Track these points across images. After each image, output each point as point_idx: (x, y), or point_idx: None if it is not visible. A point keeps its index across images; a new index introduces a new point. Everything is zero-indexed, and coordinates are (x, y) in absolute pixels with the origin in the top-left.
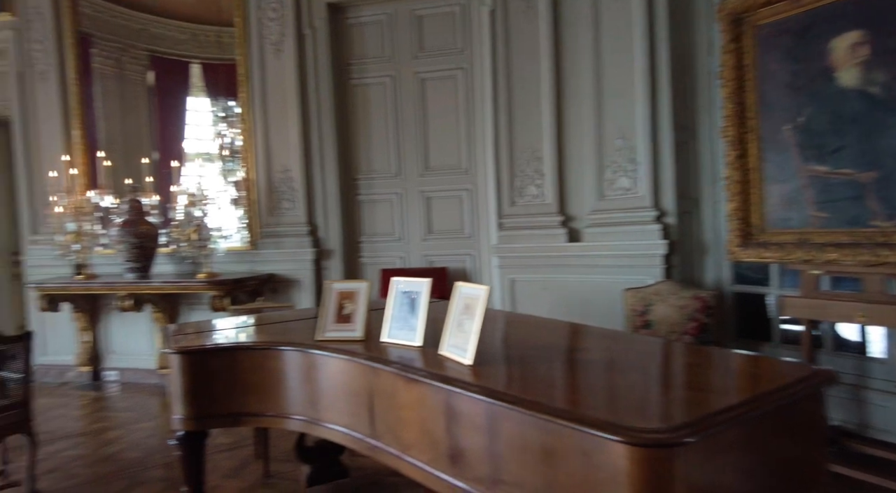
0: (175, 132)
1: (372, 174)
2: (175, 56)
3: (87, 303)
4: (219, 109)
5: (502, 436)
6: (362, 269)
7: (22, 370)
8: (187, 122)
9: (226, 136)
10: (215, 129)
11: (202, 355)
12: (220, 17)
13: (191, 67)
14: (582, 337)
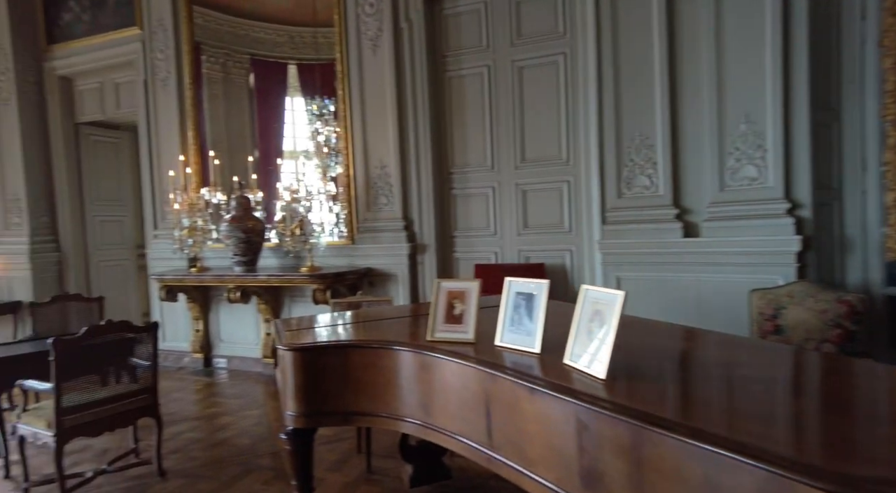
0: (274, 131)
1: (466, 168)
2: (273, 58)
3: (200, 294)
4: (315, 107)
5: (651, 464)
6: (456, 264)
7: (149, 357)
8: (285, 121)
9: (322, 133)
10: (312, 127)
11: (315, 353)
12: (316, 19)
13: (288, 68)
14: (722, 347)
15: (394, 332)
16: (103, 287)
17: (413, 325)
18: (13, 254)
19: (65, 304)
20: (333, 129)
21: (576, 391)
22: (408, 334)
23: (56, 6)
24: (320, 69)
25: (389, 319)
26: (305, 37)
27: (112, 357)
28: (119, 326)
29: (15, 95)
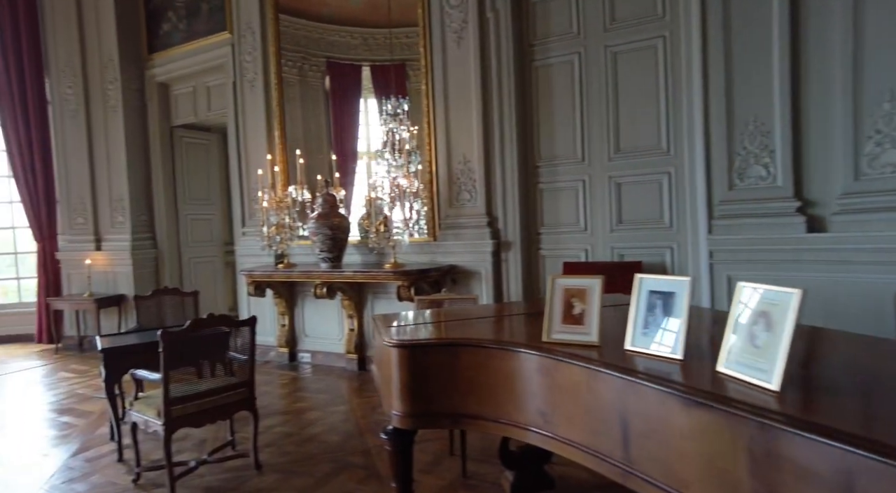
0: (349, 132)
1: (554, 160)
2: (348, 60)
3: (286, 289)
4: (390, 107)
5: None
6: (542, 261)
7: (247, 352)
8: (359, 121)
9: (397, 133)
10: (387, 127)
11: (423, 351)
12: (391, 19)
13: (362, 70)
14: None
15: (499, 331)
16: (194, 282)
17: (528, 324)
18: (117, 250)
19: (164, 297)
20: (407, 127)
21: (753, 407)
22: (518, 333)
23: (156, 18)
24: (393, 70)
25: (488, 317)
26: (379, 38)
27: (212, 350)
28: (220, 319)
29: (121, 102)
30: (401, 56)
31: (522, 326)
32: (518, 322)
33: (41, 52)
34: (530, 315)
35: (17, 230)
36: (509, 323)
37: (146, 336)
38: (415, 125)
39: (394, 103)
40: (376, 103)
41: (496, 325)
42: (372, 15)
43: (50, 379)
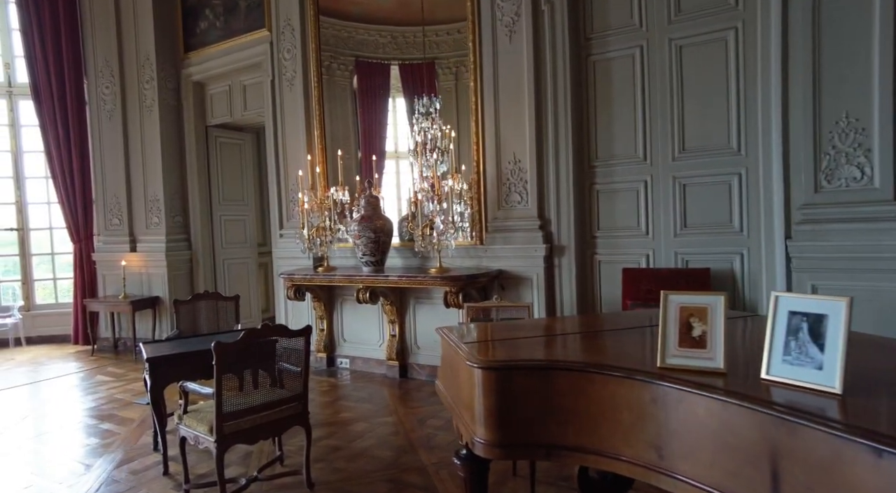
0: (377, 131)
1: (612, 160)
2: (377, 59)
3: (325, 293)
4: (422, 106)
5: None
6: (598, 267)
7: (300, 363)
8: (388, 121)
9: (429, 132)
10: (418, 126)
11: (512, 373)
12: (423, 17)
13: (390, 69)
14: None
15: (594, 351)
16: (227, 284)
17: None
18: (152, 252)
19: (204, 302)
20: (439, 126)
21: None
22: (617, 353)
23: (193, 16)
24: (424, 69)
25: (574, 333)
26: (409, 36)
27: (265, 362)
28: (274, 329)
29: (156, 101)
30: (431, 55)
31: (621, 345)
32: (613, 340)
33: (81, 53)
34: (621, 331)
35: (55, 231)
36: (602, 341)
37: (190, 344)
38: (447, 124)
39: (426, 102)
40: (405, 103)
41: (587, 343)
42: (402, 13)
43: (88, 383)
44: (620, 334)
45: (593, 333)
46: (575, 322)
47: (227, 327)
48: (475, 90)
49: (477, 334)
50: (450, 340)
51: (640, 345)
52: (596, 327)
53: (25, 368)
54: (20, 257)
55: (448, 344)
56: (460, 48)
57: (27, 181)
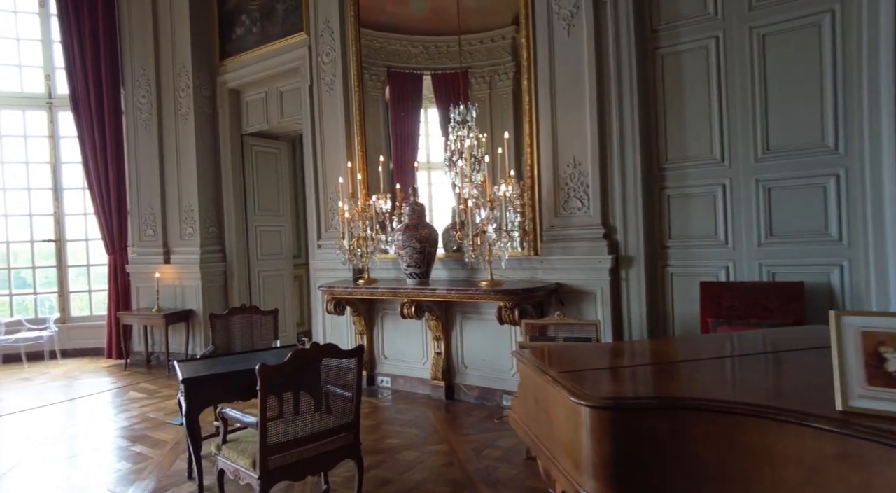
0: (409, 141)
1: (684, 162)
2: (409, 69)
3: (365, 307)
4: (458, 114)
5: None
6: (669, 280)
7: (351, 387)
8: (419, 131)
9: (466, 140)
10: (454, 134)
11: (632, 414)
12: (458, 26)
13: (423, 79)
14: None
15: (731, 384)
16: (262, 297)
17: (776, 373)
18: (186, 263)
19: (241, 316)
20: (476, 135)
21: None
22: (763, 389)
23: (229, 23)
24: (455, 78)
25: (694, 360)
26: (441, 46)
27: (313, 386)
28: (325, 349)
29: (192, 109)
30: (465, 64)
31: (759, 377)
32: (745, 371)
33: (118, 63)
34: (744, 358)
35: (90, 242)
36: (728, 371)
37: (228, 363)
38: (483, 133)
39: (462, 110)
40: (438, 113)
41: (710, 373)
42: (434, 22)
43: (120, 400)
44: (744, 362)
45: (710, 360)
46: (678, 346)
47: (264, 344)
48: (528, 89)
49: (568, 360)
50: (535, 367)
51: (787, 377)
52: (707, 352)
53: (59, 383)
54: (57, 269)
55: (531, 372)
56: (495, 57)
57: (65, 192)
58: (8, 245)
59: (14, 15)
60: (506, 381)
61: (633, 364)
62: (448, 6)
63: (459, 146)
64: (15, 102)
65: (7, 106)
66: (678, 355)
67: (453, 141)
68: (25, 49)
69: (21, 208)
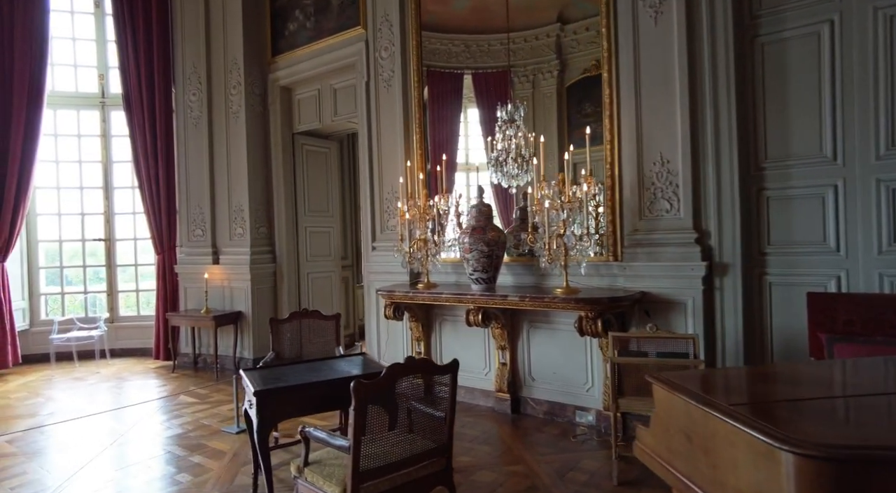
0: (449, 141)
1: (788, 160)
2: (449, 69)
3: (423, 312)
4: (506, 113)
5: None
6: (769, 290)
7: (443, 407)
8: (459, 131)
9: (514, 140)
10: (501, 133)
11: (867, 470)
12: (495, 25)
13: (463, 78)
14: None
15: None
16: (311, 299)
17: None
18: (235, 264)
19: (302, 321)
20: (524, 134)
21: None
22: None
23: (282, 19)
24: (496, 78)
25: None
26: (483, 45)
27: (404, 405)
28: (421, 364)
29: (243, 107)
30: (507, 63)
31: None
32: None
33: (170, 62)
34: None
35: (138, 242)
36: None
37: (296, 373)
38: (531, 132)
39: (510, 109)
40: (479, 112)
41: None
42: (475, 21)
43: (171, 404)
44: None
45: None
46: (857, 372)
47: (327, 350)
48: (609, 81)
49: (735, 388)
50: (691, 395)
51: None
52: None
53: (109, 383)
54: (106, 268)
55: (681, 400)
56: (538, 55)
57: (115, 191)
58: (60, 243)
59: (70, 15)
60: (579, 396)
61: (820, 396)
62: (491, 3)
63: (507, 145)
64: (70, 102)
65: (63, 106)
66: (866, 383)
67: (500, 140)
68: (81, 49)
69: (73, 207)
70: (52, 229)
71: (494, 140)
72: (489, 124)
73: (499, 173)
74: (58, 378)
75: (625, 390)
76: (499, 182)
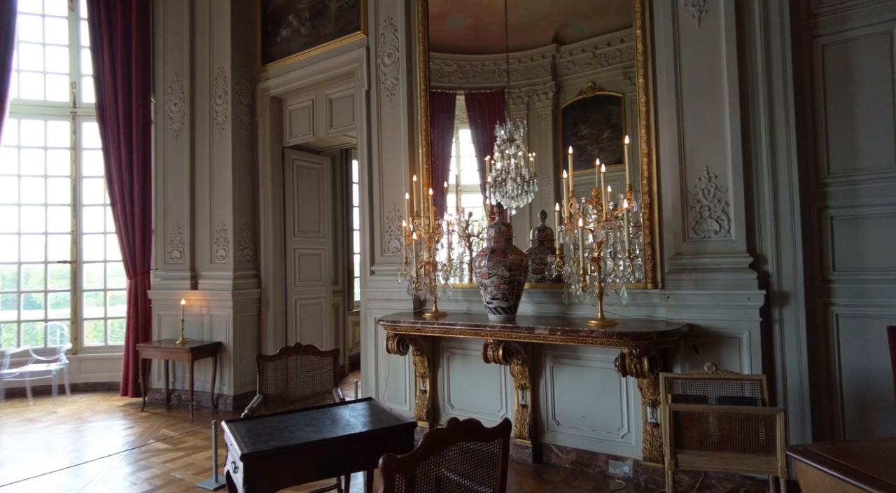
0: (441, 162)
1: (855, 176)
2: (441, 89)
3: (428, 345)
4: (505, 132)
5: None
6: (835, 322)
7: (490, 478)
8: (451, 152)
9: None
10: (500, 152)
11: None
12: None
13: (455, 98)
14: None
15: None
16: (299, 329)
17: None
18: (217, 290)
19: (295, 358)
20: (524, 153)
21: None
22: None
23: (274, 23)
24: (491, 98)
25: None
26: (476, 64)
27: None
28: (467, 429)
29: (229, 118)
30: (502, 83)
31: None
32: None
33: (150, 70)
34: None
35: (108, 265)
36: None
37: (292, 425)
38: (531, 151)
39: (510, 127)
40: (472, 133)
41: None
42: (470, 40)
43: (139, 452)
44: None
45: None
46: None
47: (323, 392)
48: (645, 88)
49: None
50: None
51: None
52: None
53: (68, 426)
54: (71, 293)
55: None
56: (533, 76)
57: (84, 209)
58: (20, 266)
59: (41, 19)
60: (612, 443)
61: None
62: (487, 23)
63: (506, 165)
64: (37, 111)
65: (28, 115)
66: None
67: (499, 159)
68: (52, 55)
69: (36, 226)
70: (11, 250)
71: (493, 160)
72: (483, 145)
73: (498, 194)
74: (6, 420)
75: (684, 442)
76: (497, 203)
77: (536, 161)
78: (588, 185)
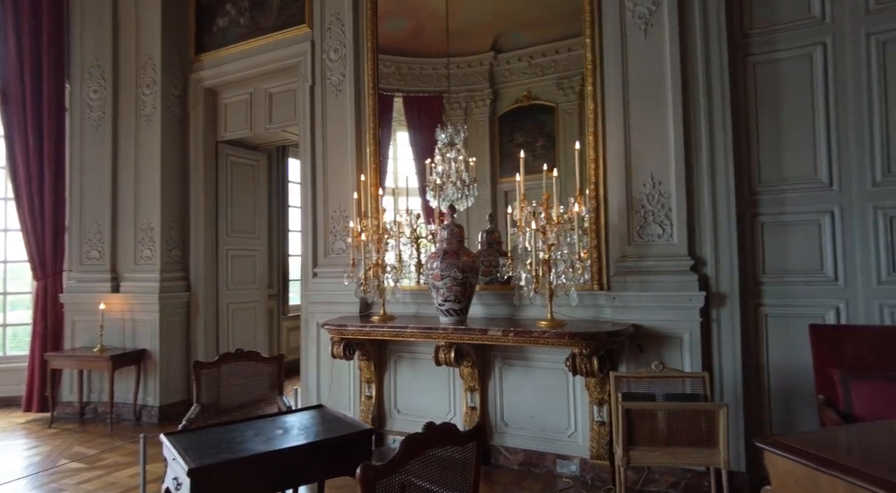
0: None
1: (782, 185)
2: (380, 90)
3: (375, 349)
4: (446, 136)
5: None
6: (764, 322)
7: (468, 486)
8: (388, 155)
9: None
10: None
11: None
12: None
13: (393, 101)
14: None
15: None
16: (231, 334)
17: None
18: (141, 293)
19: (236, 365)
20: (465, 157)
21: None
22: None
23: (210, 12)
24: (428, 102)
25: None
26: (415, 68)
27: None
28: (442, 433)
29: (158, 110)
30: (440, 87)
31: None
32: None
33: (64, 51)
34: None
35: (9, 265)
36: None
37: (240, 438)
38: (471, 156)
39: (451, 132)
40: (409, 136)
41: None
42: (412, 44)
43: (48, 476)
44: None
45: None
46: None
47: (267, 401)
48: (593, 96)
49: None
50: (847, 472)
51: None
52: None
53: None
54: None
55: (845, 485)
56: (471, 82)
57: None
58: None
59: None
60: (560, 443)
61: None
62: (428, 28)
63: (447, 168)
64: None
65: None
66: None
67: (440, 163)
68: None
69: None
70: None
71: (433, 163)
72: (422, 148)
73: (438, 198)
74: None
75: (635, 439)
76: (450, 205)
77: (476, 166)
78: (528, 191)
